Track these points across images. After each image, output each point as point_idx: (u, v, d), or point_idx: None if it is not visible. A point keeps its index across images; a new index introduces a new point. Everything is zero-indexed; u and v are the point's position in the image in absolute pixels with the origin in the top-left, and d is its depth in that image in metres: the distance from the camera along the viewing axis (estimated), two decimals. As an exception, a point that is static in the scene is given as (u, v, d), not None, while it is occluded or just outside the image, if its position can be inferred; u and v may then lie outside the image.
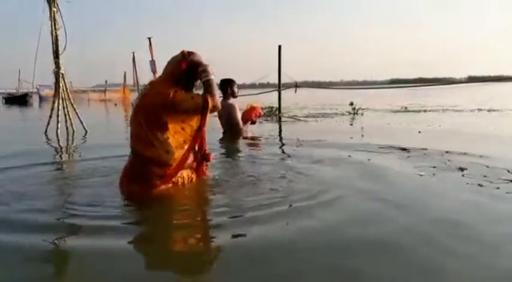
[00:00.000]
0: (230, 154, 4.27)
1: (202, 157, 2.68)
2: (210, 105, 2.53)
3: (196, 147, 2.65)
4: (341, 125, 7.16)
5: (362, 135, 5.66)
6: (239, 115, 5.49)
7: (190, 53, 2.56)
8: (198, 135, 2.60)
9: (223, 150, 4.44)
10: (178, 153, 2.50)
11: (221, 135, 5.38)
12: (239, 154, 4.32)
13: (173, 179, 2.53)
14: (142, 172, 2.47)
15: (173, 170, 2.51)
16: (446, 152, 3.77)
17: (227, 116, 5.46)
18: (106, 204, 2.38)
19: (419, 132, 5.66)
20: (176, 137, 2.48)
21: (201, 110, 2.52)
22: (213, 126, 5.43)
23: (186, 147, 2.54)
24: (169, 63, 2.58)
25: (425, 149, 3.97)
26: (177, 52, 2.59)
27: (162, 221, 2.24)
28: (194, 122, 2.55)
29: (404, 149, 4.01)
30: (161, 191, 2.49)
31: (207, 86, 2.56)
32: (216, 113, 5.57)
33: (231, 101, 5.52)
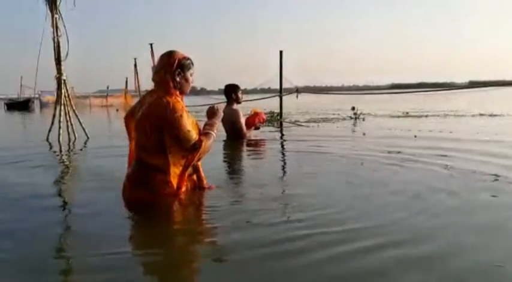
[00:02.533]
0: (234, 160, 4.27)
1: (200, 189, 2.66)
2: (201, 151, 2.46)
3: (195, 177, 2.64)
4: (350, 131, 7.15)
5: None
6: (243, 120, 5.50)
7: (171, 56, 2.49)
8: (182, 176, 2.51)
9: (226, 156, 4.43)
10: (173, 170, 2.47)
11: (224, 140, 5.37)
12: (243, 160, 4.32)
13: (177, 186, 2.50)
14: (147, 179, 2.46)
15: (176, 178, 2.49)
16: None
17: (231, 121, 5.46)
18: (108, 216, 2.37)
19: (415, 136, 5.67)
20: (171, 153, 2.44)
21: (192, 148, 2.44)
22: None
23: (177, 170, 2.49)
24: (159, 71, 2.49)
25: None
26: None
27: (167, 239, 2.06)
28: (181, 156, 2.47)
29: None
30: (164, 199, 2.46)
31: (206, 135, 2.53)
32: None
33: (235, 106, 5.54)
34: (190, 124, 2.45)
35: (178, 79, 2.48)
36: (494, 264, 1.59)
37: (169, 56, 2.49)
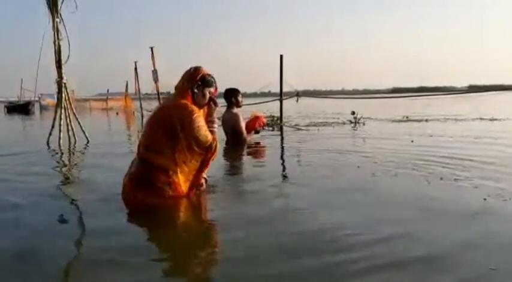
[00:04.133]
0: (235, 164, 4.27)
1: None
2: (214, 149, 2.59)
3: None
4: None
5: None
6: (243, 124, 5.51)
7: (197, 69, 2.64)
8: (199, 175, 2.64)
9: (227, 159, 4.44)
10: (182, 168, 2.52)
11: (224, 144, 5.37)
12: (243, 164, 4.32)
13: (179, 189, 2.52)
14: (150, 179, 2.48)
15: (179, 180, 2.52)
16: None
17: (231, 125, 5.46)
18: (109, 222, 2.36)
19: (412, 141, 5.67)
20: (182, 152, 2.51)
21: (209, 147, 2.57)
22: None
23: (186, 168, 2.56)
24: (183, 78, 2.64)
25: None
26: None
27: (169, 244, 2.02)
28: (197, 154, 2.56)
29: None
30: (167, 202, 2.48)
31: (213, 134, 2.65)
32: (220, 122, 5.60)
33: (235, 110, 5.54)
34: (204, 123, 2.55)
35: (196, 91, 2.59)
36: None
37: (195, 69, 2.65)
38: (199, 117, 2.51)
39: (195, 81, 2.59)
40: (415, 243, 1.89)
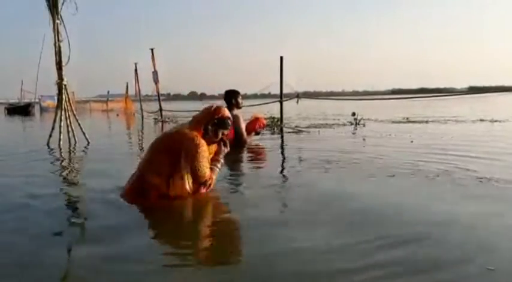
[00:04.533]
0: (234, 165, 4.26)
1: None
2: (208, 185, 2.65)
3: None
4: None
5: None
6: (243, 126, 5.50)
7: (218, 109, 2.73)
8: (185, 199, 2.65)
9: (227, 160, 4.43)
10: (172, 193, 2.56)
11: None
12: (243, 165, 4.31)
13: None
14: (145, 195, 2.56)
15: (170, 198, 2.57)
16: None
17: (231, 127, 5.46)
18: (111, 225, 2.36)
19: (412, 141, 5.68)
20: (178, 179, 2.54)
21: (204, 183, 2.62)
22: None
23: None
24: (202, 112, 2.73)
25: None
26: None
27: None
28: (193, 186, 2.60)
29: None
30: (166, 203, 2.52)
31: (213, 171, 2.70)
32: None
33: (235, 111, 5.54)
34: (207, 159, 2.60)
35: (210, 127, 2.66)
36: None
37: (216, 109, 2.72)
38: (204, 152, 2.56)
39: (212, 120, 2.66)
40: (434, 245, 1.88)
